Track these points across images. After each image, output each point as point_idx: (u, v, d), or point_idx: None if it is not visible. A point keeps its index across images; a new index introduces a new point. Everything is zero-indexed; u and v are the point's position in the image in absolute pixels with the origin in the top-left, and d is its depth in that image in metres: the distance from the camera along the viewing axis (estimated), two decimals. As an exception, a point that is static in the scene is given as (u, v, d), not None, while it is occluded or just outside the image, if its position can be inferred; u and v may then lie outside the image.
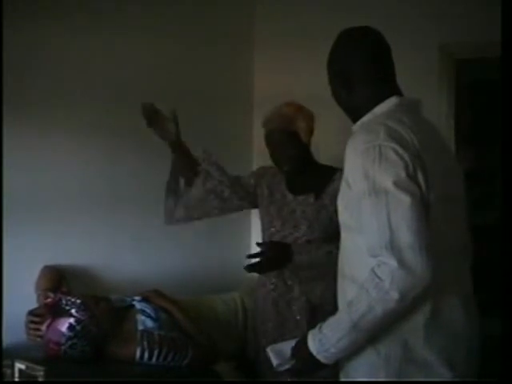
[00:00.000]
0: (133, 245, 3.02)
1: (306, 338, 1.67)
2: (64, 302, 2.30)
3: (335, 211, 2.36)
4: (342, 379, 1.78)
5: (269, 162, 2.58)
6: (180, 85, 3.20)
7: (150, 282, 2.78)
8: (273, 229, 2.51)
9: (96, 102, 2.85)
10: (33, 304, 2.47)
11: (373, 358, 1.64)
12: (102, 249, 2.89)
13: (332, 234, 2.35)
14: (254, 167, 3.57)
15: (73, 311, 2.26)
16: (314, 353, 1.63)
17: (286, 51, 3.51)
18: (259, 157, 3.54)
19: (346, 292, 1.69)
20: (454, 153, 1.80)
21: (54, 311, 2.29)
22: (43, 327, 2.27)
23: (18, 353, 2.20)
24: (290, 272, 2.40)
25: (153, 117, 2.33)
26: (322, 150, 2.57)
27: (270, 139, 2.48)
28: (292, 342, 1.75)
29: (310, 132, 2.47)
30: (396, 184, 1.53)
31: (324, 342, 1.61)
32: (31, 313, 2.36)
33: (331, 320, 1.65)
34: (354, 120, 1.81)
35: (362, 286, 1.56)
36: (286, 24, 3.51)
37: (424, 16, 3.05)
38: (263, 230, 2.58)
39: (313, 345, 1.64)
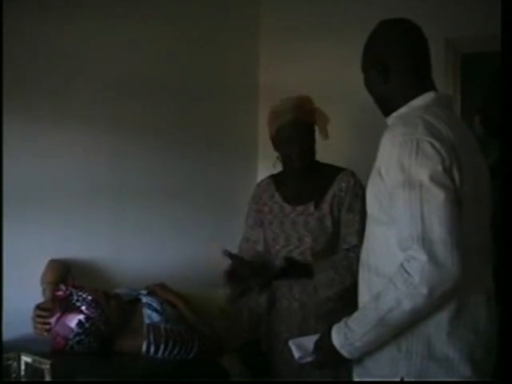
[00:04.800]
0: (138, 238, 3.02)
1: (330, 331, 1.67)
2: (75, 297, 2.29)
3: (333, 220, 2.39)
4: (356, 372, 1.78)
5: (273, 155, 2.58)
6: (184, 76, 3.20)
7: (155, 275, 2.79)
8: (277, 246, 2.47)
9: (100, 94, 2.84)
10: (38, 297, 2.47)
11: (393, 353, 1.64)
12: (106, 242, 2.88)
13: (334, 244, 2.38)
14: (259, 160, 3.60)
15: (83, 308, 2.26)
16: (338, 347, 1.64)
17: (292, 43, 3.51)
18: (264, 150, 3.55)
19: (371, 285, 1.69)
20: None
21: (65, 305, 2.28)
22: (52, 320, 2.26)
23: (24, 346, 2.19)
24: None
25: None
26: (326, 146, 2.53)
27: (284, 131, 2.38)
28: (315, 337, 1.76)
29: (325, 126, 2.43)
30: (432, 178, 1.53)
31: (349, 335, 1.62)
32: (39, 307, 2.35)
33: (357, 314, 1.65)
34: (385, 111, 1.80)
35: (390, 280, 1.56)
36: (292, 15, 3.51)
37: (429, 10, 3.03)
38: (268, 249, 2.52)
39: (337, 338, 1.64)
